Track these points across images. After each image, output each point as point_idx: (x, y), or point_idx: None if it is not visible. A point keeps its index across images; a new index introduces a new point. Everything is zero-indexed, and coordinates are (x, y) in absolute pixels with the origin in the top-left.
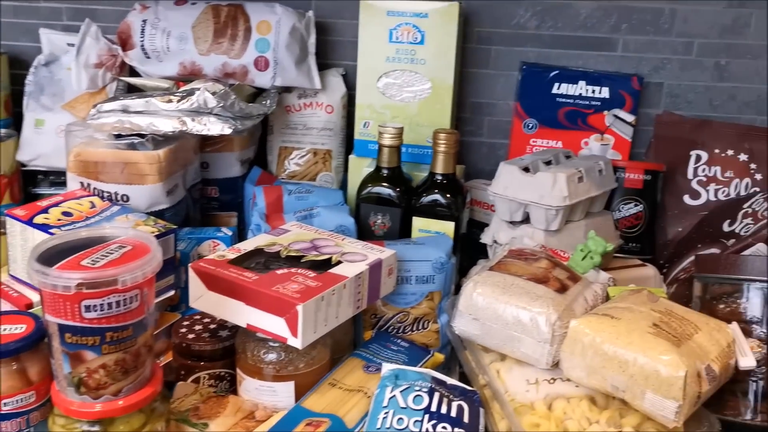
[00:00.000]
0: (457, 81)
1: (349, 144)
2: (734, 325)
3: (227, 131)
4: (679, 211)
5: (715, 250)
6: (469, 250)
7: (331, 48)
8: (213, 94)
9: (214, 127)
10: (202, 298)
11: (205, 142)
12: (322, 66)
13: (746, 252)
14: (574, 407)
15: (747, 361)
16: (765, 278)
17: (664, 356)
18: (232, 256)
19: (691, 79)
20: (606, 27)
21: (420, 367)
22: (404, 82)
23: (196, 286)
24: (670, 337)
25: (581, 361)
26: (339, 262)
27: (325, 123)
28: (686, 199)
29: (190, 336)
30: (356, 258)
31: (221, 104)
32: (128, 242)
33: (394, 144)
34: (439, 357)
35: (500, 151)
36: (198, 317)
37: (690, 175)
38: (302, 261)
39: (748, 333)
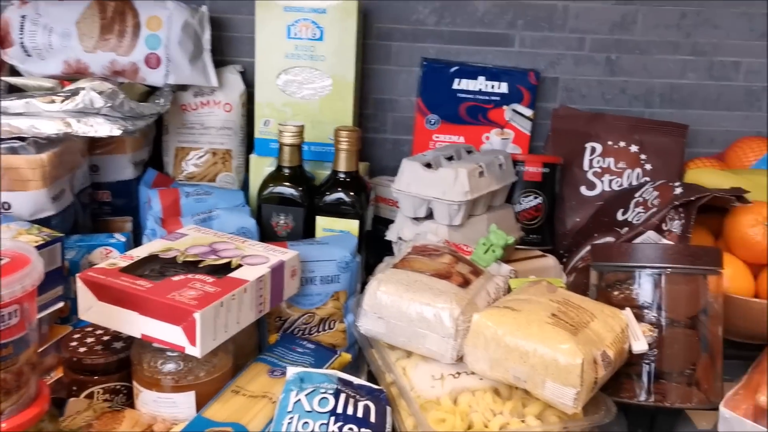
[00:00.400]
0: (359, 77)
1: (249, 143)
2: (627, 311)
3: (116, 132)
4: (577, 202)
5: (610, 239)
6: (375, 248)
7: (229, 44)
8: (100, 93)
9: (102, 128)
10: (92, 309)
11: (94, 144)
12: (219, 63)
13: (638, 239)
14: (479, 400)
15: (639, 345)
16: (655, 265)
17: (562, 345)
18: (124, 263)
19: (585, 73)
20: (503, 23)
21: (327, 368)
22: (304, 79)
23: (85, 297)
24: (567, 326)
25: (484, 354)
26: (239, 266)
27: (224, 122)
28: (583, 190)
29: (82, 349)
30: (257, 261)
31: (109, 104)
32: (6, 254)
33: (294, 142)
34: (347, 357)
35: (404, 147)
36: (90, 329)
37: (586, 166)
38: (200, 266)
39: (640, 318)
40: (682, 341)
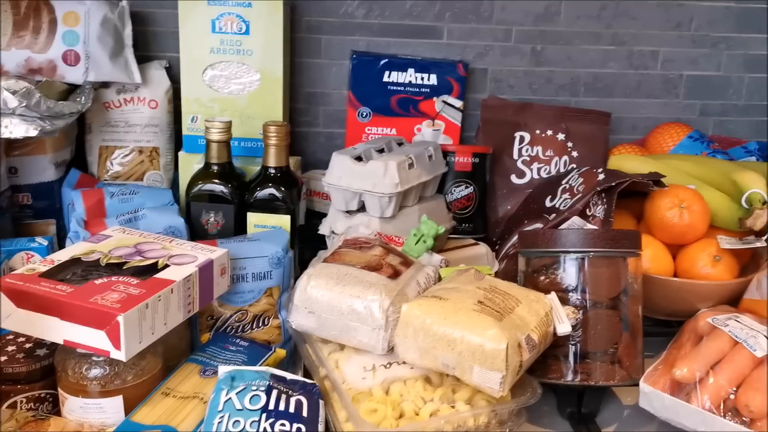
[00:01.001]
0: (288, 71)
1: (178, 140)
2: (552, 295)
3: (33, 133)
4: (508, 191)
5: (539, 225)
6: (310, 242)
7: (153, 39)
8: (14, 93)
9: (18, 129)
10: (11, 317)
11: (12, 145)
12: (143, 59)
13: (563, 225)
14: (410, 389)
15: (564, 327)
16: (577, 249)
17: (487, 331)
18: (44, 268)
19: (512, 64)
20: (431, 15)
21: (261, 365)
22: (232, 74)
23: (3, 304)
24: (493, 313)
25: (414, 344)
26: (166, 266)
27: (150, 119)
28: (513, 178)
29: (3, 358)
30: (185, 260)
31: (24, 104)
32: None
33: (222, 139)
34: (281, 353)
35: (338, 141)
36: (11, 337)
37: (515, 155)
38: (124, 268)
39: (565, 301)
40: (604, 322)
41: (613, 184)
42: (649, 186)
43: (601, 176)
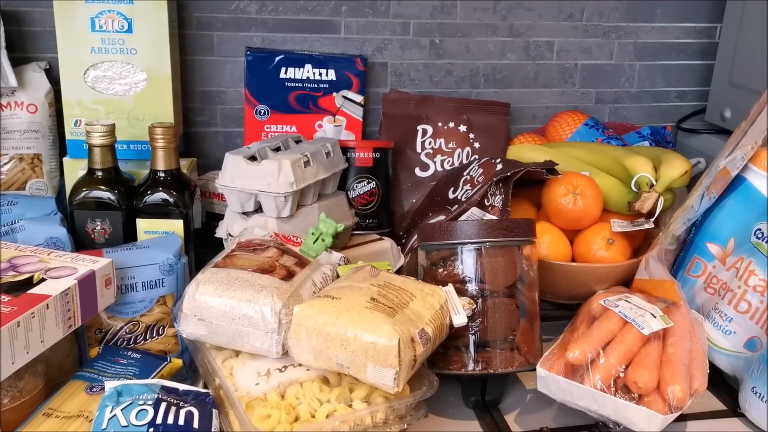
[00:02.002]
0: (178, 70)
1: (63, 146)
2: (449, 287)
3: None
4: (412, 184)
5: (442, 218)
6: (211, 245)
7: (30, 40)
8: None
9: None
10: None
11: None
12: (20, 60)
13: (463, 216)
14: (306, 391)
15: (459, 318)
16: (472, 240)
17: (379, 328)
18: None
19: (411, 57)
20: (327, 10)
21: (155, 376)
22: (116, 74)
23: None
24: (385, 309)
25: (307, 345)
26: (42, 280)
27: (29, 124)
28: (417, 171)
29: None
30: (63, 273)
31: None
32: None
33: (105, 143)
34: (177, 363)
35: (237, 140)
36: None
37: (418, 148)
38: None
39: (463, 292)
40: (501, 310)
41: (508, 174)
42: (544, 174)
43: (499, 166)
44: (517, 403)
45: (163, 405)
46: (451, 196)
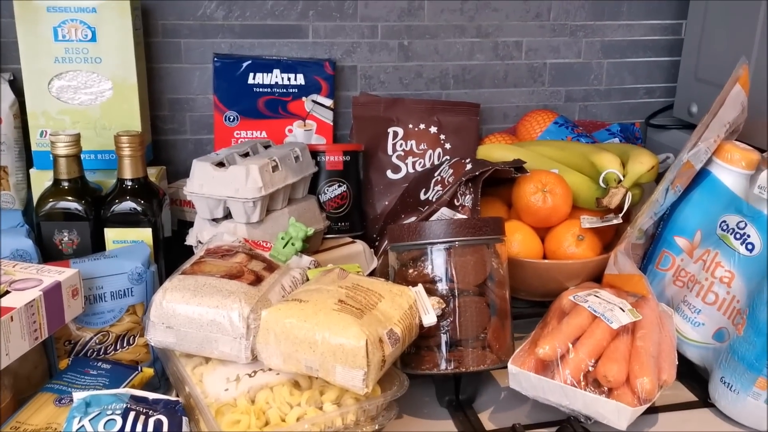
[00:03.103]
0: (145, 78)
1: (29, 157)
2: (419, 287)
3: None
4: (384, 186)
5: (414, 219)
6: (183, 254)
7: None
8: None
9: None
10: None
11: None
12: None
13: (433, 216)
14: (276, 395)
15: (429, 318)
16: (441, 240)
17: (346, 330)
18: None
19: (381, 60)
20: (294, 14)
21: (126, 386)
22: (81, 84)
23: None
24: (353, 311)
25: (276, 349)
26: (6, 293)
27: None
28: (389, 173)
29: None
30: (28, 285)
31: None
32: None
33: (70, 153)
34: (148, 372)
35: (207, 147)
36: None
37: (390, 151)
38: None
39: (433, 292)
40: (472, 309)
41: (477, 173)
42: (513, 173)
43: (468, 166)
44: (491, 401)
45: (132, 414)
46: (422, 197)
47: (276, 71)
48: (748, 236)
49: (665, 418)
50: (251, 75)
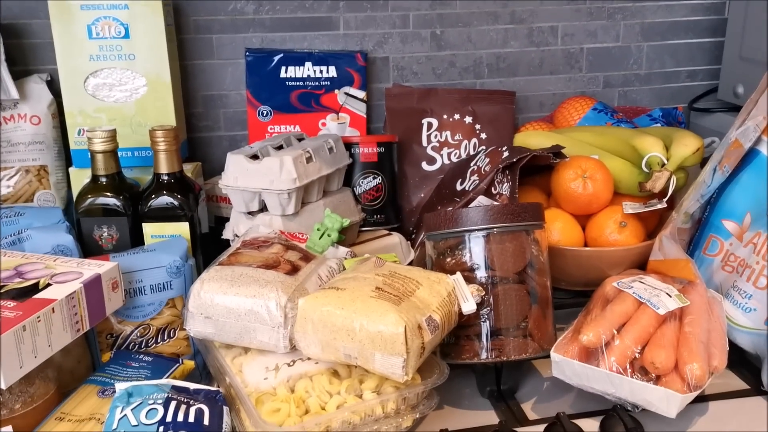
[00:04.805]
0: (178, 75)
1: (68, 156)
2: (457, 275)
3: None
4: (419, 178)
5: (456, 207)
6: (220, 249)
7: (29, 52)
8: None
9: None
10: None
11: None
12: (21, 73)
13: (471, 205)
14: (315, 384)
15: (468, 305)
16: (479, 227)
17: (384, 316)
18: None
19: (413, 50)
20: (324, 7)
21: (167, 378)
22: (115, 81)
23: None
24: (391, 297)
25: (314, 338)
26: (48, 285)
27: (33, 136)
28: (424, 165)
29: None
30: (69, 278)
31: None
32: None
33: (106, 149)
34: (189, 364)
35: (242, 143)
36: None
37: (424, 142)
38: (2, 292)
39: (472, 280)
40: (512, 297)
41: (515, 159)
42: (551, 159)
43: (505, 153)
44: (533, 391)
45: (173, 404)
46: (459, 188)
47: (308, 64)
48: None
49: (716, 407)
50: (283, 69)
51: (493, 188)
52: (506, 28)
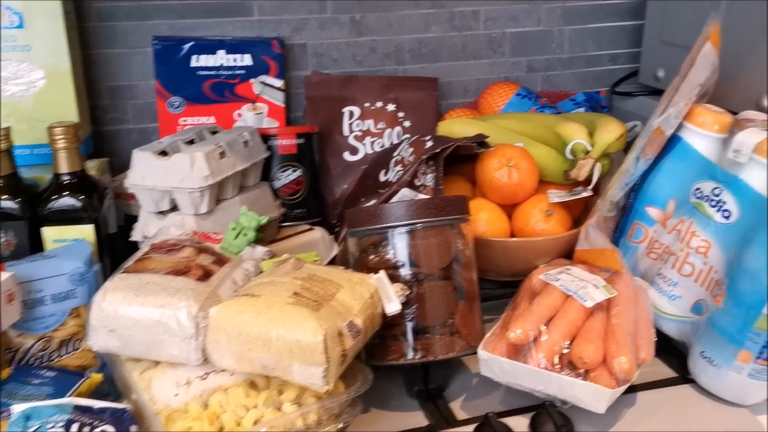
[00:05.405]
0: (80, 65)
1: None
2: (381, 274)
3: None
4: (342, 169)
5: (374, 202)
6: (131, 250)
7: None
8: None
9: None
10: None
11: None
12: None
13: (394, 198)
14: (231, 398)
15: (392, 306)
16: (402, 222)
17: (301, 324)
18: None
19: (332, 36)
20: None
21: (72, 394)
22: (10, 74)
23: None
24: (309, 303)
25: (228, 349)
26: None
27: None
28: (346, 155)
29: None
30: None
31: None
32: None
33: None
34: (97, 377)
35: (153, 136)
36: None
37: (346, 131)
38: None
39: (396, 278)
40: (438, 294)
41: (438, 150)
42: (475, 148)
43: (429, 143)
44: (463, 389)
45: (75, 426)
46: (382, 178)
47: (220, 52)
48: (724, 203)
49: (644, 397)
50: (194, 57)
51: (416, 180)
52: (427, 13)
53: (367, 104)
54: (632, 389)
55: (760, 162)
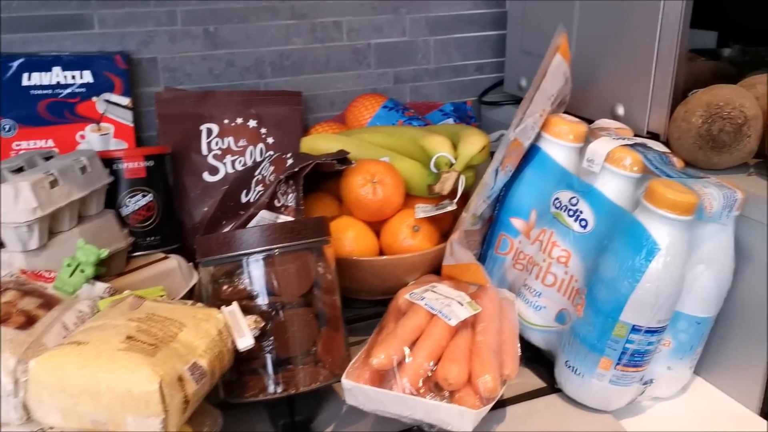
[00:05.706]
0: None
1: None
2: (232, 307)
3: None
4: (201, 191)
5: (233, 225)
6: None
7: None
8: None
9: None
10: None
11: None
12: None
13: (253, 221)
14: None
15: (245, 341)
16: (259, 249)
17: (134, 373)
18: None
19: (184, 49)
20: (73, 3)
21: None
22: None
23: None
24: (144, 348)
25: (53, 405)
26: None
27: None
28: (206, 176)
29: None
30: None
31: None
32: None
33: None
34: None
35: None
36: None
37: (204, 151)
38: None
39: (252, 309)
40: (298, 322)
41: (296, 169)
42: (336, 165)
43: (290, 161)
44: (331, 418)
45: None
46: (243, 199)
47: (56, 69)
48: (581, 212)
49: (513, 411)
50: (26, 76)
51: (276, 200)
52: (287, 24)
53: (226, 121)
54: (501, 404)
55: (613, 171)
